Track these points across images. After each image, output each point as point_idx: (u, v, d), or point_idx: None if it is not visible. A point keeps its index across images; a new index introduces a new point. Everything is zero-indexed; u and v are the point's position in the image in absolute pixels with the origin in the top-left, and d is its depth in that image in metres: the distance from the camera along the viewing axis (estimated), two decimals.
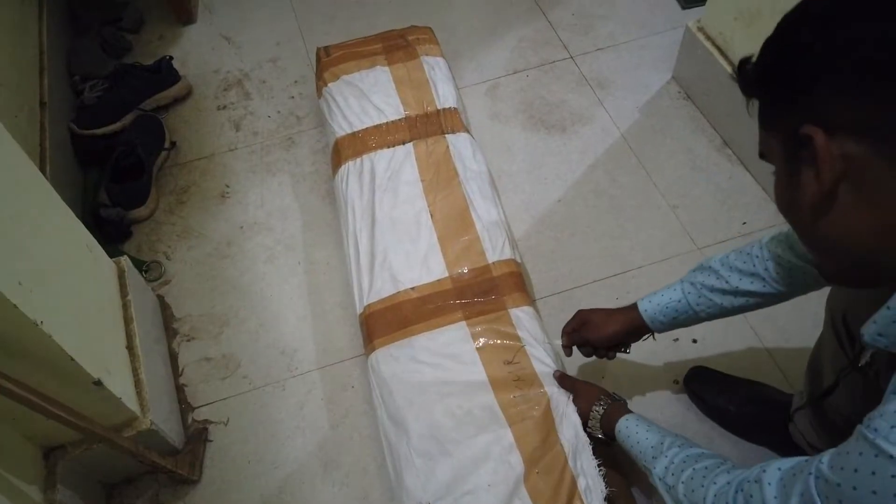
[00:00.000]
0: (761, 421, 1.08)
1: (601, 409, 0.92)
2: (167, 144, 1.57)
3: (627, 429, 0.85)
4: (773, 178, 0.59)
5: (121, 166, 1.47)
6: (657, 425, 0.84)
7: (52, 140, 1.41)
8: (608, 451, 0.97)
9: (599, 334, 0.99)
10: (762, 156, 0.60)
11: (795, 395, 1.03)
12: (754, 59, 0.57)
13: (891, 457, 0.43)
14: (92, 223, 1.38)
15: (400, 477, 0.98)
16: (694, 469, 0.71)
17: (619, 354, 1.04)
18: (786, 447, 1.04)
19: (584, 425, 0.94)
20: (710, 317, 0.93)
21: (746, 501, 0.60)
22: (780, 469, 0.57)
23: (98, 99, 1.61)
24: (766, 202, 1.39)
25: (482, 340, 1.06)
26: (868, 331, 0.52)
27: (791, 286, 0.84)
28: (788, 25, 0.54)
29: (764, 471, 0.58)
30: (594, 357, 1.05)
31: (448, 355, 1.05)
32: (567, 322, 1.07)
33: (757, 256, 0.85)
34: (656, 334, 0.99)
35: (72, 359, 0.86)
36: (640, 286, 1.30)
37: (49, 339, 0.82)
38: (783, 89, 0.53)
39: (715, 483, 0.66)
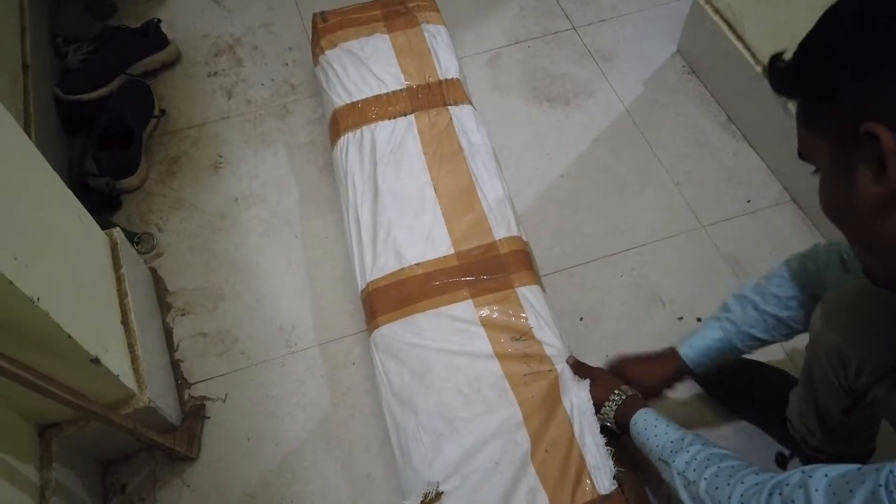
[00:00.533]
0: (763, 404, 1.08)
1: (619, 399, 0.91)
2: (157, 112, 1.51)
3: (646, 421, 0.84)
4: (819, 179, 0.56)
5: (109, 134, 1.41)
6: (675, 422, 0.83)
7: (35, 105, 1.34)
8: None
9: (643, 386, 0.97)
10: (801, 156, 0.58)
11: (793, 391, 1.01)
12: (788, 56, 0.55)
13: None
14: (79, 193, 1.32)
15: (407, 455, 0.96)
16: (719, 467, 0.70)
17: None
18: (781, 433, 1.04)
19: (597, 412, 0.93)
20: (752, 350, 0.92)
21: None
22: (826, 476, 0.54)
23: (83, 63, 1.54)
24: (771, 180, 1.38)
25: (489, 319, 1.04)
26: None
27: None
28: (830, 21, 0.51)
29: (810, 476, 0.56)
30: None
31: (455, 333, 1.04)
32: (607, 364, 1.04)
33: (787, 278, 0.85)
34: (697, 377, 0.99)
35: (69, 336, 0.82)
36: (644, 263, 1.29)
37: (46, 317, 0.78)
38: (829, 88, 0.51)
39: (742, 483, 0.65)
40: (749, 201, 1.35)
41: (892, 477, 0.47)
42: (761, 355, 1.11)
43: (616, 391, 0.91)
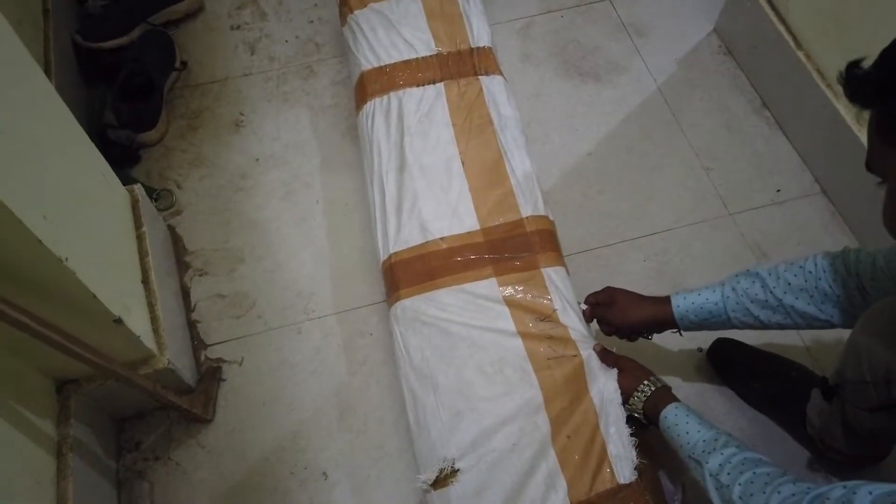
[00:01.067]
0: (782, 399, 1.07)
1: (648, 390, 0.89)
2: (178, 64, 1.48)
3: (677, 416, 0.83)
4: (884, 194, 0.55)
5: (129, 85, 1.38)
6: (708, 421, 0.82)
7: (56, 52, 1.31)
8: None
9: (623, 319, 0.98)
10: (869, 167, 0.56)
11: (814, 392, 1.00)
12: (867, 63, 0.52)
13: None
14: (98, 145, 1.30)
15: (424, 430, 0.96)
16: (755, 473, 0.69)
17: (640, 339, 1.02)
18: (799, 430, 1.04)
19: (625, 402, 0.92)
20: (743, 326, 0.91)
21: None
22: (871, 493, 0.54)
23: (103, 9, 1.50)
24: (802, 170, 1.35)
25: (513, 299, 1.03)
26: None
27: (836, 311, 0.81)
28: None
29: (854, 493, 0.55)
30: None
31: (478, 311, 1.02)
32: (594, 292, 1.04)
33: (810, 272, 0.83)
34: (683, 333, 0.97)
35: (94, 296, 0.82)
36: (667, 249, 1.27)
37: (73, 277, 0.77)
38: None
39: (779, 493, 0.64)
40: (779, 191, 1.33)
41: None
42: (783, 350, 1.11)
43: (645, 381, 0.90)
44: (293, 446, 1.09)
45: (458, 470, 0.92)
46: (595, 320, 1.04)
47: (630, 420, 0.91)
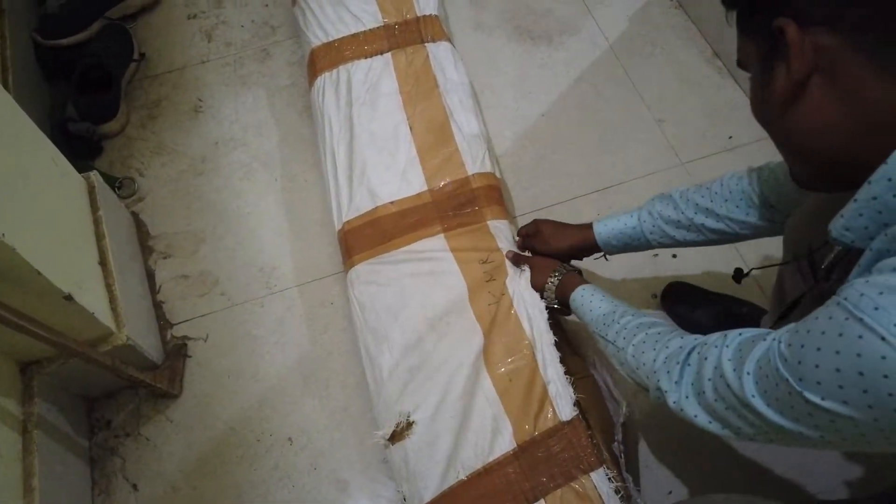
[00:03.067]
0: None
1: (556, 280, 0.93)
2: (136, 56, 1.50)
3: (582, 297, 0.86)
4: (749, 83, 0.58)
5: (88, 79, 1.40)
6: (612, 296, 0.85)
7: (14, 50, 1.34)
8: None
9: (549, 248, 1.01)
10: (740, 63, 0.60)
11: (763, 319, 1.02)
12: None
13: (860, 319, 0.43)
14: (60, 138, 1.34)
15: (381, 388, 0.98)
16: (647, 333, 0.72)
17: (588, 263, 1.06)
18: None
19: (541, 296, 0.95)
20: (663, 246, 0.93)
21: (699, 363, 0.61)
22: (740, 335, 0.58)
23: (62, 7, 1.52)
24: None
25: (460, 250, 1.05)
26: (835, 226, 0.52)
27: (745, 226, 0.84)
28: None
29: (725, 335, 0.59)
30: None
31: (427, 268, 1.04)
32: (523, 226, 1.08)
33: (716, 192, 0.85)
34: (608, 257, 1.00)
35: (38, 273, 0.84)
36: (621, 202, 1.28)
37: (13, 252, 0.79)
38: None
39: (667, 347, 0.67)
40: (731, 137, 1.34)
41: (785, 333, 0.51)
42: (733, 289, 1.12)
43: (553, 272, 0.94)
44: (258, 415, 1.12)
45: (413, 422, 0.95)
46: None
47: (552, 311, 0.95)
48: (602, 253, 0.98)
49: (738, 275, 0.88)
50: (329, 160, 1.20)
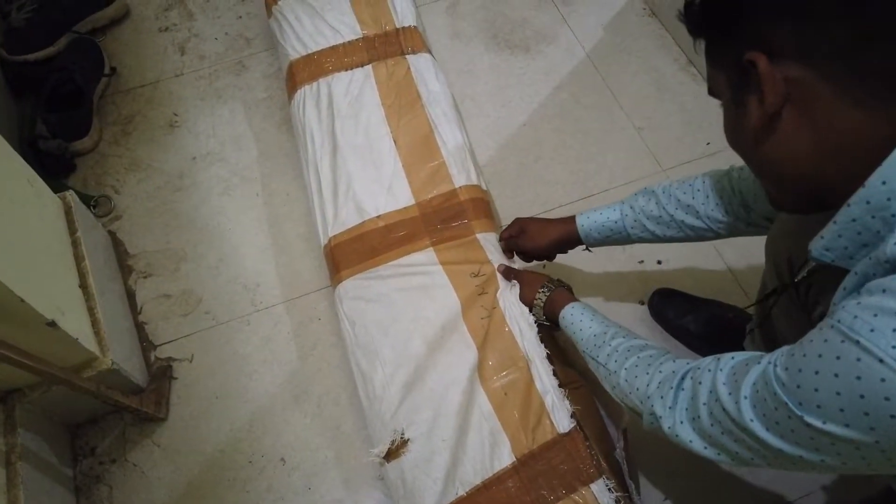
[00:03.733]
0: (722, 340, 1.10)
1: (544, 296, 0.93)
2: (107, 70, 1.46)
3: (572, 316, 0.86)
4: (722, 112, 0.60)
5: (58, 95, 1.37)
6: (602, 315, 0.85)
7: None
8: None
9: (534, 244, 1.02)
10: (711, 92, 0.61)
11: (750, 324, 1.04)
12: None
13: (857, 342, 0.44)
14: (31, 157, 1.30)
15: (375, 405, 0.97)
16: (639, 357, 0.72)
17: (575, 271, 1.07)
18: None
19: (530, 311, 0.96)
20: (643, 241, 0.95)
21: (694, 387, 0.61)
22: (733, 358, 0.58)
23: (27, 21, 1.48)
24: None
25: (451, 265, 1.04)
26: (815, 246, 0.53)
27: (723, 225, 0.85)
28: None
29: (718, 360, 0.60)
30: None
31: (418, 282, 1.04)
32: (505, 228, 1.08)
33: (698, 190, 0.86)
34: (591, 249, 1.02)
35: (21, 300, 0.81)
36: None
37: None
38: (726, 22, 0.54)
39: (660, 371, 0.67)
40: (708, 143, 1.36)
41: (780, 357, 0.51)
42: (719, 295, 1.14)
43: (540, 289, 0.94)
44: (249, 436, 1.10)
45: (408, 440, 0.94)
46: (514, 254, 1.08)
47: (541, 327, 0.95)
48: (585, 246, 1.00)
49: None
50: (312, 174, 1.18)
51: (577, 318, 0.85)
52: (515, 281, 1.00)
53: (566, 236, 0.99)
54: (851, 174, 0.49)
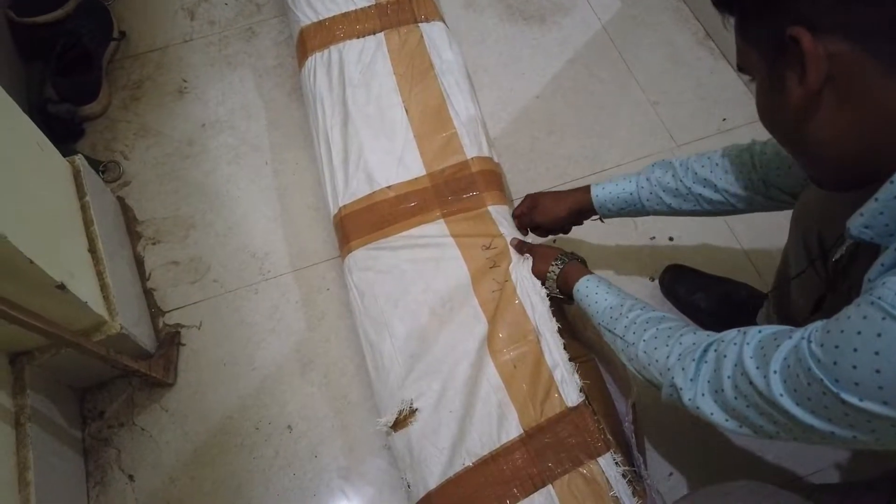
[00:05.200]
0: (733, 318, 1.09)
1: (558, 269, 0.92)
2: (116, 34, 1.45)
3: (587, 289, 0.85)
4: (755, 90, 0.58)
5: (67, 58, 1.35)
6: (617, 287, 0.84)
7: None
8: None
9: (548, 217, 1.01)
10: (741, 69, 0.59)
11: (762, 309, 1.03)
12: None
13: None
14: (40, 121, 1.28)
15: (383, 376, 0.97)
16: (658, 329, 0.71)
17: (587, 246, 1.06)
18: None
19: (542, 285, 0.95)
20: (658, 213, 0.93)
21: (717, 360, 0.60)
22: (760, 332, 0.57)
23: None
24: (747, 97, 1.36)
25: (462, 237, 1.04)
26: (854, 224, 0.51)
27: (742, 199, 0.84)
28: None
29: (744, 333, 0.59)
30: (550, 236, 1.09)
31: (428, 254, 1.03)
32: (517, 205, 1.07)
33: (717, 164, 0.85)
34: (604, 220, 1.00)
35: (31, 262, 0.81)
36: None
37: (5, 242, 0.76)
38: None
39: (681, 343, 0.66)
40: (724, 119, 1.34)
41: (815, 332, 0.50)
42: (731, 272, 1.13)
43: (553, 262, 0.93)
44: (256, 403, 1.10)
45: (416, 410, 0.94)
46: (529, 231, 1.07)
47: (553, 300, 0.94)
48: (598, 216, 0.99)
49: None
50: (323, 143, 1.17)
51: (592, 291, 0.84)
52: (528, 255, 0.99)
53: (580, 205, 0.98)
54: (893, 150, 0.48)
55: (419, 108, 1.16)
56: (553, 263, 0.93)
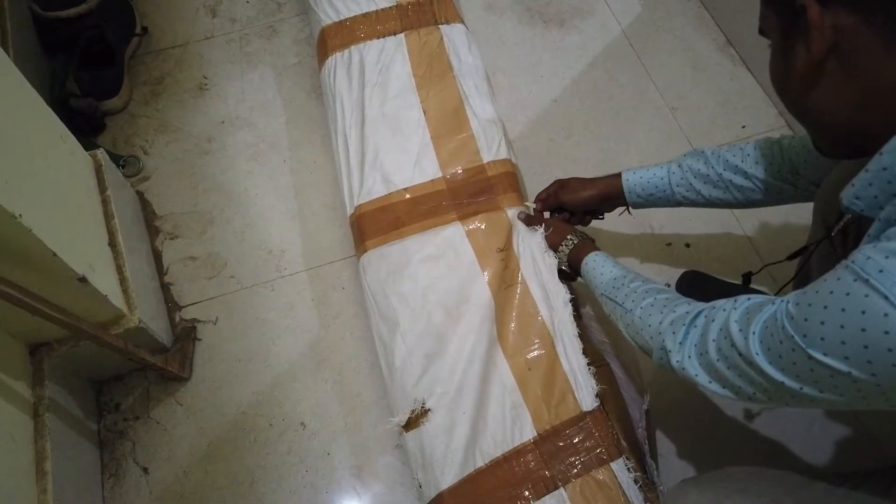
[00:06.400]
0: None
1: (572, 243, 0.94)
2: (138, 30, 1.46)
3: (595, 262, 0.87)
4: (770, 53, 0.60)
5: (90, 53, 1.37)
6: (626, 266, 0.86)
7: (13, 22, 1.30)
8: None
9: (575, 197, 1.01)
10: (761, 32, 0.61)
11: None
12: None
13: (867, 281, 0.45)
14: (62, 115, 1.28)
15: (396, 375, 0.97)
16: (656, 298, 0.73)
17: (596, 225, 1.08)
18: None
19: (554, 254, 0.97)
20: (687, 202, 0.94)
21: (706, 325, 0.63)
22: (749, 300, 0.60)
23: None
24: (767, 105, 1.36)
25: (477, 240, 1.04)
26: (846, 194, 0.53)
27: (771, 188, 0.86)
28: None
29: (735, 300, 0.61)
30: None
31: (443, 255, 1.03)
32: (543, 189, 1.07)
33: (748, 154, 0.87)
34: (631, 210, 1.01)
35: (54, 254, 0.82)
36: None
37: (29, 234, 0.77)
38: None
39: (674, 311, 0.69)
40: (744, 126, 1.33)
41: (793, 295, 0.53)
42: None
43: (569, 236, 0.95)
44: (270, 400, 1.11)
45: (428, 410, 0.94)
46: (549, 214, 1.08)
47: (560, 274, 0.97)
48: (625, 208, 1.00)
49: (747, 277, 0.91)
50: (341, 143, 1.18)
51: (599, 264, 0.86)
52: (539, 227, 1.00)
53: (609, 191, 0.99)
54: (891, 121, 0.50)
55: (437, 110, 1.17)
56: (568, 237, 0.95)
